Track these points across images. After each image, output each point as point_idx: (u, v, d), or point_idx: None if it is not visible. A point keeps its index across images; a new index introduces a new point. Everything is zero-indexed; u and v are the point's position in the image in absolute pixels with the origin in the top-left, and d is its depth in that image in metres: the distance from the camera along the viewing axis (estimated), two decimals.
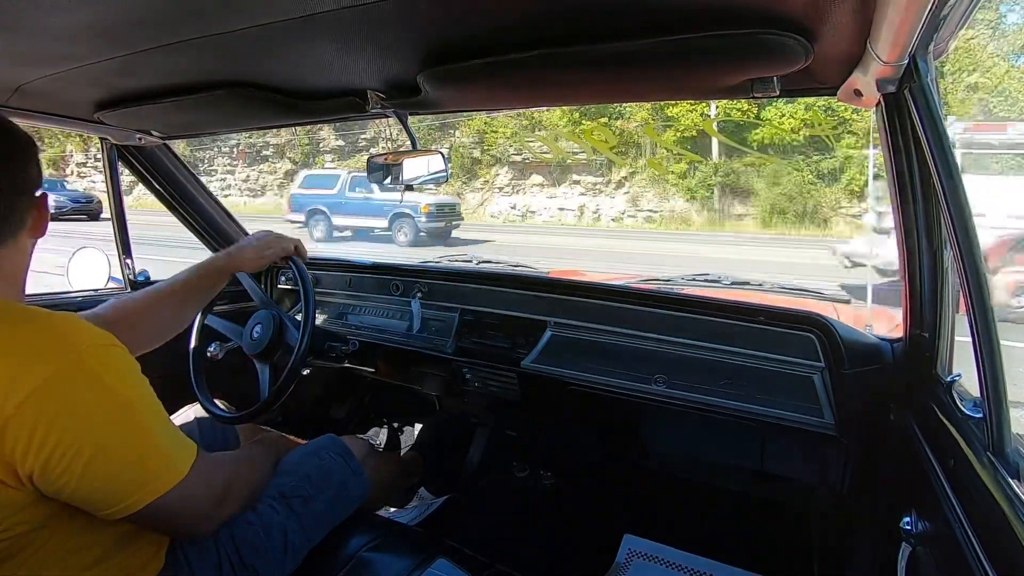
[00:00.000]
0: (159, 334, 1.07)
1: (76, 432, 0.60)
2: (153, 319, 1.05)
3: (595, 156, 16.50)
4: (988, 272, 0.60)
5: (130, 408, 0.65)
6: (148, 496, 0.65)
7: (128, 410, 0.65)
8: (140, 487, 0.64)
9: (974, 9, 0.63)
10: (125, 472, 0.64)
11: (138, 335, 1.02)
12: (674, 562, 1.32)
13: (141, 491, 0.64)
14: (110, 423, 0.63)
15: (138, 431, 0.65)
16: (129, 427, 0.64)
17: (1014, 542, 0.49)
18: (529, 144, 17.38)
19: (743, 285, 1.87)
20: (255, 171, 21.38)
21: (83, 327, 0.65)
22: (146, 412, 0.67)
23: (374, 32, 0.74)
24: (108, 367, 0.64)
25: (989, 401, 0.60)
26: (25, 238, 0.71)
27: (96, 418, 0.62)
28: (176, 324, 1.10)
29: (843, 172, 14.37)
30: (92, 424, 0.61)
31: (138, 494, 0.64)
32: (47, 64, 0.87)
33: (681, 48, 0.70)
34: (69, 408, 0.60)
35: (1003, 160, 6.35)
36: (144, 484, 0.65)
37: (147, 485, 0.65)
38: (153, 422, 0.68)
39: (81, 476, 0.60)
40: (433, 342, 1.44)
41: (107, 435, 0.62)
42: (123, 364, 0.67)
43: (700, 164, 15.59)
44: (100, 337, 0.65)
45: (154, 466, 0.66)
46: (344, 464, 1.02)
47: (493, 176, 17.99)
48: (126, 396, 0.65)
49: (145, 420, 0.66)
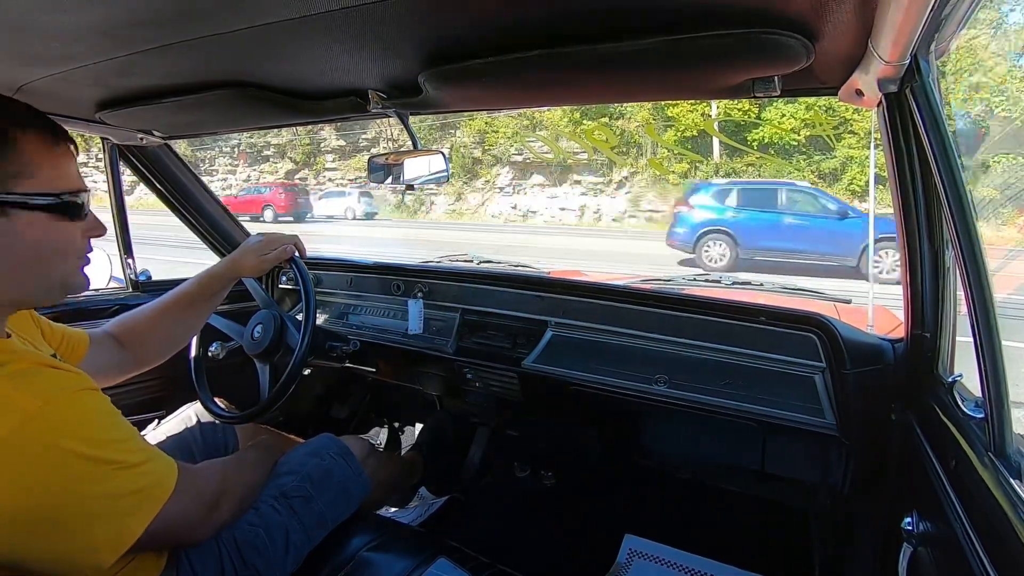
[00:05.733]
0: (167, 347, 1.07)
1: (35, 501, 0.57)
2: (160, 333, 1.05)
3: (596, 156, 16.50)
4: (989, 271, 0.60)
5: (90, 463, 0.60)
6: (122, 545, 0.62)
7: (88, 465, 0.60)
8: (112, 539, 0.62)
9: (976, 9, 0.62)
10: (90, 529, 0.61)
11: (146, 350, 1.03)
12: (674, 562, 1.32)
13: (114, 542, 0.62)
14: (69, 487, 0.59)
15: (102, 485, 0.62)
16: (91, 484, 0.61)
17: (1016, 542, 0.49)
18: (530, 144, 17.38)
19: (744, 285, 1.87)
20: (256, 171, 21.40)
21: (33, 383, 0.61)
22: (111, 463, 0.62)
23: (375, 32, 0.74)
24: (64, 424, 0.60)
25: (990, 401, 0.60)
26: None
27: (53, 484, 0.58)
28: (183, 336, 1.10)
29: (844, 172, 14.35)
30: (50, 490, 0.58)
31: (114, 545, 0.62)
32: (48, 64, 0.87)
33: (682, 48, 0.70)
34: (21, 479, 0.56)
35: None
36: (115, 535, 0.62)
37: (118, 535, 0.62)
38: (118, 468, 0.63)
39: (46, 542, 0.58)
40: (434, 342, 1.45)
41: (67, 499, 0.59)
42: (83, 412, 0.63)
43: (701, 164, 15.58)
44: (53, 390, 0.61)
45: (124, 511, 0.63)
46: (345, 464, 1.02)
47: (494, 176, 17.99)
48: (86, 454, 0.60)
49: (108, 472, 0.62)
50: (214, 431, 1.17)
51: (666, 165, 16.07)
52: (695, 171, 15.65)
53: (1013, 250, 2.00)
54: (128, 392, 1.40)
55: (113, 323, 1.03)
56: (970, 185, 0.63)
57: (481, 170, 18.20)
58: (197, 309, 1.10)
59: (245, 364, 1.28)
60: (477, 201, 18.03)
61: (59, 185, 0.65)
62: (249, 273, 1.14)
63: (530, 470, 1.73)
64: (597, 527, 1.53)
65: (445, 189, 17.83)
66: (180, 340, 1.10)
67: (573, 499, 1.66)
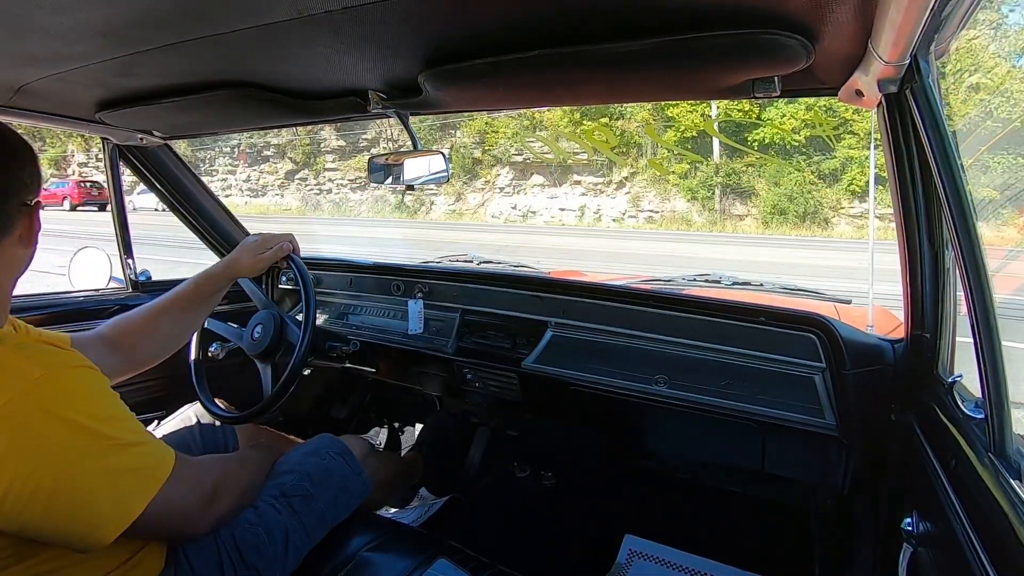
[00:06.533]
0: (163, 348, 1.07)
1: (32, 468, 0.58)
2: (154, 334, 1.04)
3: (596, 156, 16.51)
4: (989, 272, 0.60)
5: (89, 436, 0.62)
6: (123, 522, 0.63)
7: (88, 438, 0.62)
8: (113, 515, 0.63)
9: (975, 9, 0.62)
10: (91, 503, 0.61)
11: (140, 352, 1.03)
12: (674, 562, 1.32)
13: (115, 518, 0.63)
14: (68, 457, 0.60)
15: (102, 459, 0.62)
16: (91, 457, 0.62)
17: (1015, 542, 0.49)
18: (530, 144, 17.39)
19: (744, 285, 1.87)
20: (256, 171, 21.41)
21: (36, 354, 0.63)
22: (109, 439, 0.63)
23: (375, 32, 0.74)
24: (64, 395, 0.61)
25: (990, 401, 0.60)
26: (11, 246, 0.68)
27: (52, 453, 0.59)
28: (178, 337, 1.10)
29: (844, 172, 14.37)
30: (49, 459, 0.59)
31: (114, 522, 0.63)
32: (49, 64, 0.87)
33: (682, 48, 0.70)
34: (20, 444, 0.57)
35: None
36: (115, 512, 0.63)
37: (119, 511, 0.63)
38: (117, 445, 0.64)
39: (44, 513, 0.59)
40: (434, 342, 1.45)
41: (66, 469, 0.60)
42: (83, 387, 0.64)
43: (701, 164, 15.59)
44: (56, 363, 0.63)
45: (125, 489, 0.64)
46: (345, 463, 1.02)
47: (494, 176, 18.00)
48: (86, 426, 0.62)
49: (107, 447, 0.63)
50: (214, 431, 1.18)
51: (666, 165, 16.08)
52: (695, 171, 15.66)
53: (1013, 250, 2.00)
54: (128, 392, 1.40)
55: (106, 325, 1.02)
56: (970, 185, 0.63)
57: (481, 170, 18.21)
58: (194, 310, 1.10)
59: (245, 364, 1.28)
60: (477, 201, 18.04)
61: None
62: (246, 273, 1.13)
63: (530, 470, 1.73)
64: (597, 527, 1.53)
65: (445, 189, 17.84)
66: (177, 341, 1.10)
67: (573, 499, 1.66)
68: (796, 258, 10.51)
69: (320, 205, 20.20)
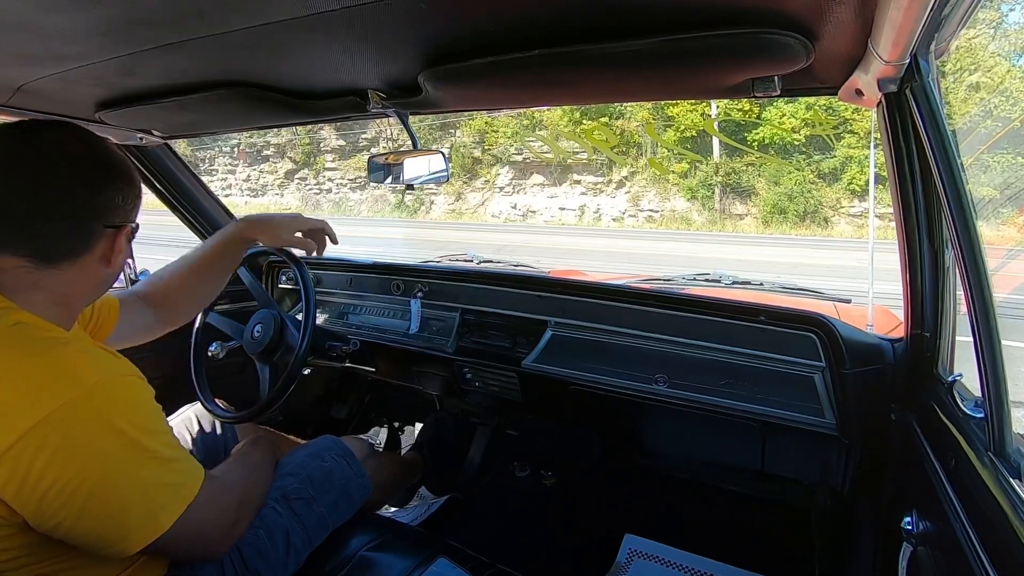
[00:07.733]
0: (194, 307, 1.11)
1: (75, 470, 0.58)
2: (190, 293, 1.08)
3: (596, 156, 16.50)
4: (989, 271, 0.60)
5: (133, 447, 0.63)
6: (151, 534, 0.63)
7: (131, 448, 0.62)
8: (142, 526, 0.63)
9: (975, 8, 0.62)
10: (124, 511, 0.62)
11: (176, 310, 1.07)
12: (674, 562, 1.32)
13: (144, 529, 0.63)
14: (110, 464, 0.61)
15: (140, 470, 0.63)
16: (131, 467, 0.62)
17: (1015, 542, 0.49)
18: (530, 144, 17.38)
19: (744, 285, 1.87)
20: (256, 171, 21.40)
21: (96, 360, 0.64)
22: (149, 451, 0.64)
23: (375, 32, 0.74)
24: (115, 403, 0.62)
25: (990, 401, 0.60)
26: (92, 264, 0.69)
27: (96, 457, 0.60)
28: (208, 296, 1.13)
29: (844, 172, 14.35)
30: (92, 463, 0.60)
31: (142, 533, 0.63)
32: (48, 64, 0.87)
33: (682, 48, 0.70)
34: (70, 445, 0.58)
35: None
36: (145, 523, 0.63)
37: (149, 523, 0.63)
38: (155, 458, 0.65)
39: (78, 515, 0.59)
40: (434, 342, 1.45)
41: (106, 475, 0.61)
42: (133, 396, 0.65)
43: (701, 164, 15.57)
44: (112, 370, 0.64)
45: (157, 502, 0.64)
46: (346, 466, 1.02)
47: (494, 176, 17.99)
48: (130, 436, 0.62)
49: (146, 459, 0.64)
50: (214, 431, 1.18)
51: (666, 165, 16.07)
52: (695, 171, 15.65)
53: (1013, 250, 2.00)
54: None
55: (144, 283, 1.06)
56: (970, 185, 0.63)
57: (481, 170, 18.19)
58: (219, 268, 1.10)
59: (245, 364, 1.28)
60: (477, 201, 18.04)
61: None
62: (264, 240, 1.10)
63: (530, 470, 1.73)
64: (597, 527, 1.53)
65: (445, 189, 17.84)
66: (205, 300, 1.14)
67: (573, 499, 1.66)
68: (796, 257, 10.51)
69: (320, 204, 20.18)
